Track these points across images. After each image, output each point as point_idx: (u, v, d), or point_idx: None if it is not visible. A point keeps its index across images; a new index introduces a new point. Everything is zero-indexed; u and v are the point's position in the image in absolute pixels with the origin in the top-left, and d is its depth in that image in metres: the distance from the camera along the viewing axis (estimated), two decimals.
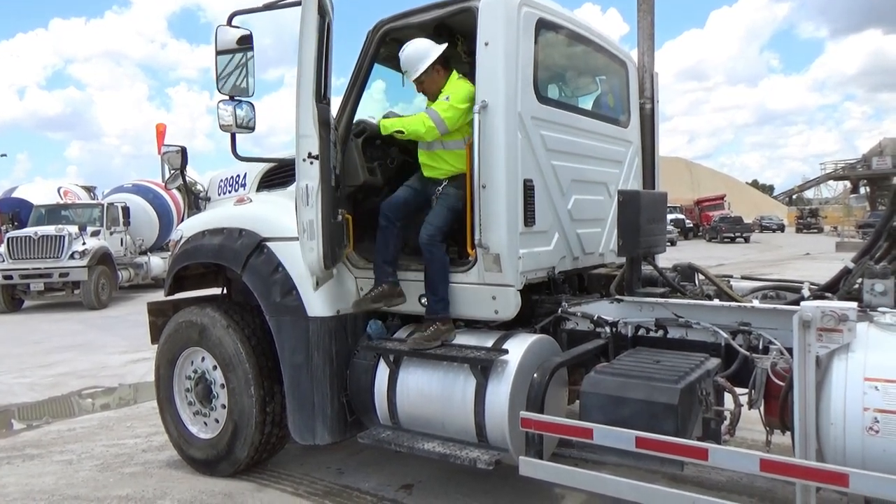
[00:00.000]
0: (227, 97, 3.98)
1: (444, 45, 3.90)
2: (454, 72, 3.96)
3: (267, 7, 3.90)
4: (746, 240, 39.09)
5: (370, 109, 4.55)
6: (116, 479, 4.55)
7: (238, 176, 4.91)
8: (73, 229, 15.17)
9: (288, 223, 3.89)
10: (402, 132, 3.79)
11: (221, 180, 5.11)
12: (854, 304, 2.81)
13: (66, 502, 4.18)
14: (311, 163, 3.47)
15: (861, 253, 3.44)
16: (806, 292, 3.61)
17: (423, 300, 3.87)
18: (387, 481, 4.28)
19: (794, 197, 78.84)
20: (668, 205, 5.23)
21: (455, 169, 3.87)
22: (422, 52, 3.87)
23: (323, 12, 3.82)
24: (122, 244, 16.86)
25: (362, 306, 3.96)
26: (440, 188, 3.89)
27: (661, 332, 3.61)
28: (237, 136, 4.08)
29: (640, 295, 3.75)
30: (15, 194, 20.54)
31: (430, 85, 3.94)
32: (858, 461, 2.58)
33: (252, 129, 4.09)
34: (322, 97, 4.02)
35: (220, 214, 4.73)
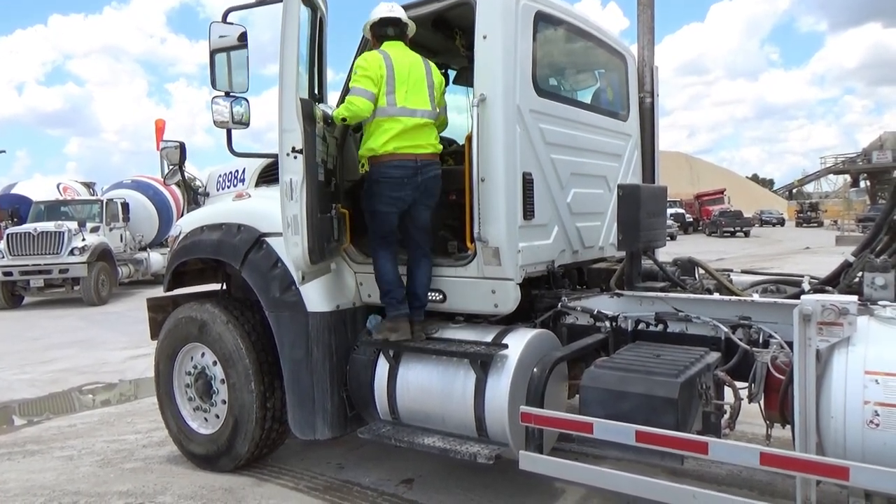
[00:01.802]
0: (222, 93, 3.96)
1: (384, 16, 3.81)
2: (380, 47, 3.82)
3: (260, 3, 3.88)
4: (746, 234, 39.12)
5: None
6: (117, 475, 4.55)
7: (237, 171, 4.90)
8: (73, 225, 15.14)
9: None
10: (345, 119, 3.71)
11: (220, 176, 5.09)
12: (854, 298, 2.81)
13: (67, 498, 4.18)
14: (295, 157, 3.45)
15: (861, 246, 3.43)
16: (806, 286, 3.60)
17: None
18: (387, 476, 4.28)
19: (794, 191, 78.76)
20: (668, 199, 5.23)
21: (363, 151, 3.82)
22: (373, 12, 3.86)
23: (313, 6, 3.80)
24: (121, 240, 16.84)
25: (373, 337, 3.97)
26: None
27: (661, 327, 3.60)
28: (233, 131, 4.07)
29: (639, 289, 3.74)
30: (14, 191, 20.49)
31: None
32: (859, 454, 2.58)
33: (247, 124, 4.08)
34: (317, 92, 4.00)
35: (218, 210, 4.72)
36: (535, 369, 3.28)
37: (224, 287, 5.12)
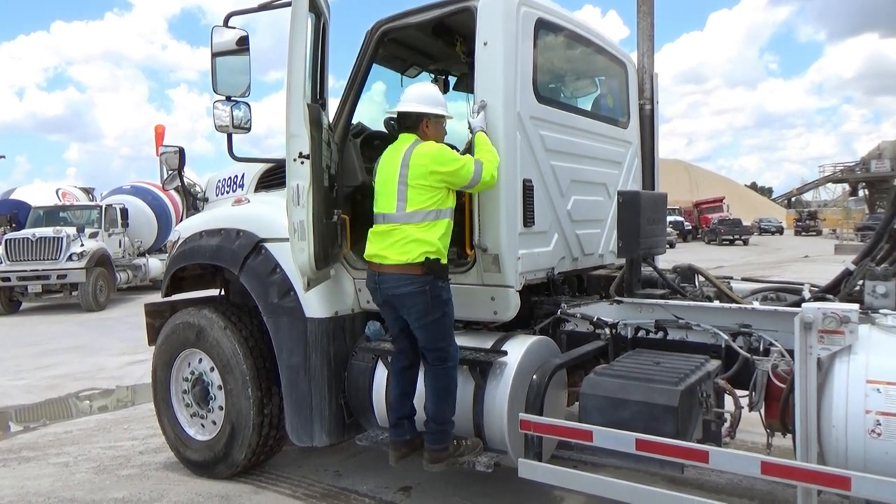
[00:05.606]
0: (223, 98, 3.96)
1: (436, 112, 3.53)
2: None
3: (262, 7, 3.89)
4: (745, 242, 39.09)
5: (369, 110, 4.54)
6: (113, 482, 4.52)
7: (236, 176, 4.89)
8: (72, 231, 15.11)
9: (286, 224, 3.87)
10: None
11: (219, 181, 5.09)
12: (856, 306, 2.79)
13: None
14: (302, 162, 3.44)
15: (862, 255, 3.43)
16: (806, 294, 3.59)
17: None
18: (385, 483, 4.25)
19: (792, 199, 78.84)
20: (668, 207, 5.20)
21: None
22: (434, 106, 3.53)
23: (318, 12, 3.80)
24: (120, 246, 16.81)
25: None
26: None
27: (660, 334, 3.59)
28: (234, 136, 4.07)
29: (639, 296, 3.73)
30: (13, 196, 20.48)
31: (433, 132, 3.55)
32: (860, 464, 2.56)
33: (248, 129, 4.08)
34: (318, 97, 4.00)
35: (217, 215, 4.71)
36: (534, 376, 3.26)
37: (222, 292, 5.11)
